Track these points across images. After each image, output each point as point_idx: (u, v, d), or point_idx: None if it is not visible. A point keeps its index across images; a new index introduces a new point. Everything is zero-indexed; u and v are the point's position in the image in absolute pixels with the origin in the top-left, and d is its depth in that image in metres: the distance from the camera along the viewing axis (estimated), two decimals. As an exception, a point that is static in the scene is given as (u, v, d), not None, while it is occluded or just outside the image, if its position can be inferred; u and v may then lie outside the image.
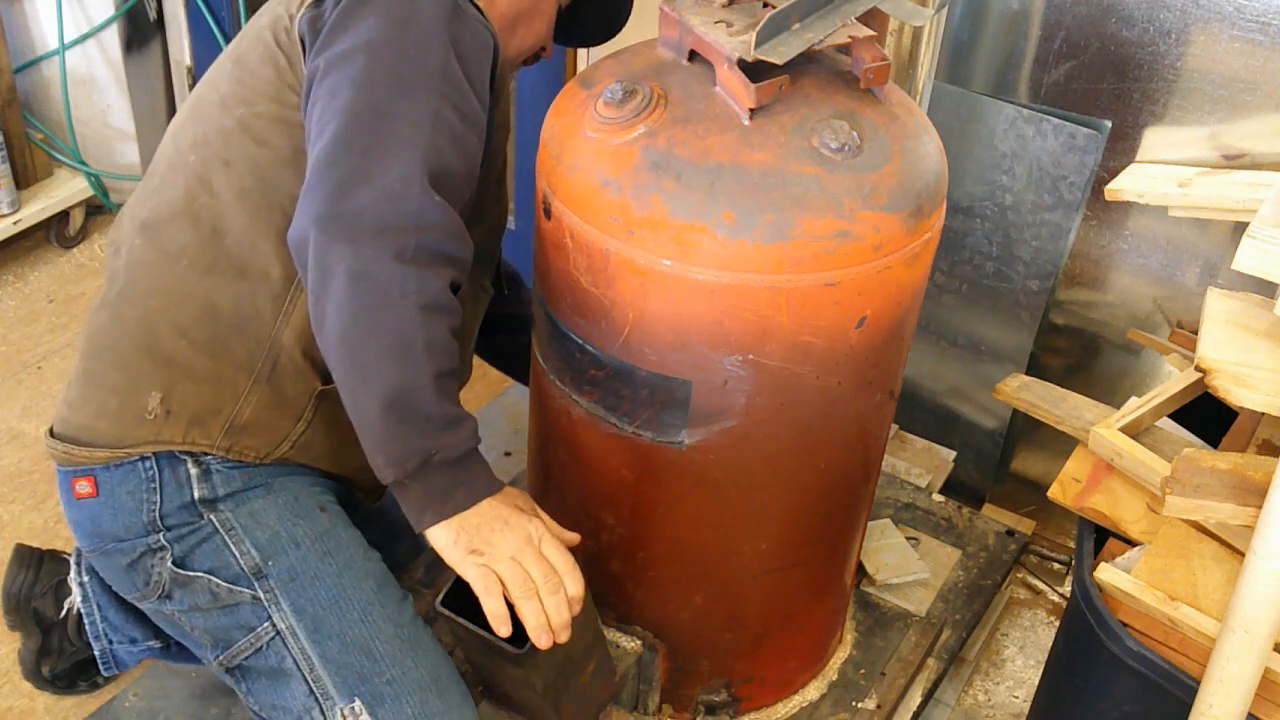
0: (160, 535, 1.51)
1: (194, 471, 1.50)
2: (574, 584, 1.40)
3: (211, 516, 1.51)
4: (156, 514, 1.50)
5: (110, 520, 1.52)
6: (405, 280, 1.27)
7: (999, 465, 2.47)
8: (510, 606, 1.53)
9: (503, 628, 1.36)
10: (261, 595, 1.49)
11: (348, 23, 1.35)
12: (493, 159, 1.51)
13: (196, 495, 1.50)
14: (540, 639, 1.37)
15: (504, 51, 1.48)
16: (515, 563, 1.37)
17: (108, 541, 1.53)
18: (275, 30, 1.46)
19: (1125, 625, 1.55)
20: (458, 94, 1.35)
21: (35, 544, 1.97)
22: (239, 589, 1.50)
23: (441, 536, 1.37)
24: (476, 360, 1.92)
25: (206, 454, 1.50)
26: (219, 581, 1.50)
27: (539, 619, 1.37)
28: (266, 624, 1.49)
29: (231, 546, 1.50)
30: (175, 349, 1.48)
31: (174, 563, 1.51)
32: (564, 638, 1.39)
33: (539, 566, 1.38)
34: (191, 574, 1.51)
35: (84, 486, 1.52)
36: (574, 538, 1.46)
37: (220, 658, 1.52)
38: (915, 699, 1.93)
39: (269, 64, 1.46)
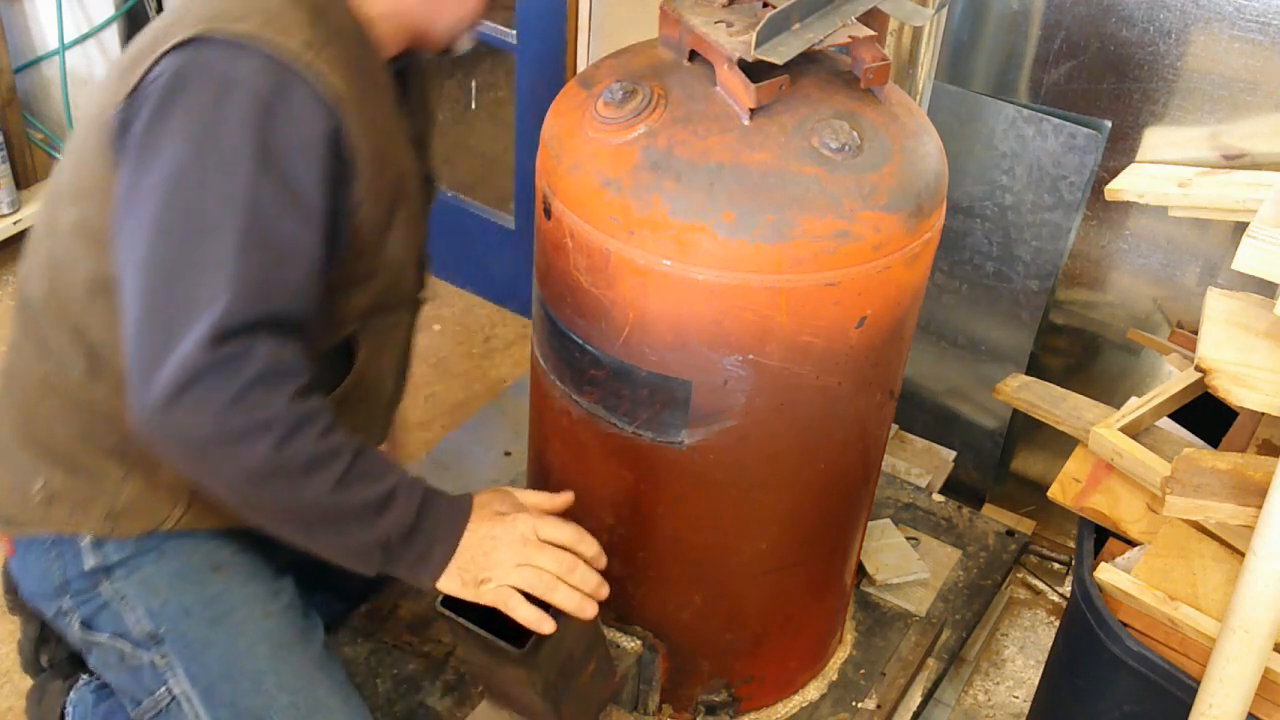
0: (67, 599, 1.52)
1: (85, 543, 1.49)
2: (588, 547, 1.41)
3: (106, 585, 1.51)
4: (61, 580, 1.51)
5: (27, 580, 1.55)
6: (248, 458, 1.23)
7: (999, 465, 2.47)
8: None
9: (545, 625, 1.36)
10: (159, 660, 1.49)
11: (151, 143, 1.25)
12: (362, 229, 1.38)
13: (90, 565, 1.50)
14: (585, 611, 1.38)
15: (430, 38, 1.45)
16: (523, 568, 1.37)
17: (33, 596, 1.56)
18: (105, 119, 1.32)
19: (1125, 625, 1.55)
20: (275, 203, 1.24)
21: None
22: (140, 652, 1.50)
23: (448, 585, 1.37)
24: (476, 360, 1.91)
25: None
26: (123, 644, 1.51)
27: (573, 600, 1.38)
28: (164, 689, 1.49)
29: (126, 614, 1.50)
30: (50, 439, 1.47)
31: (81, 624, 1.52)
32: (604, 594, 1.40)
33: (547, 556, 1.38)
34: (98, 636, 1.52)
35: (4, 545, 1.56)
36: (565, 499, 1.46)
37: (134, 712, 1.53)
38: (915, 699, 1.93)
39: (101, 158, 1.33)
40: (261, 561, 1.57)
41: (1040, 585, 2.42)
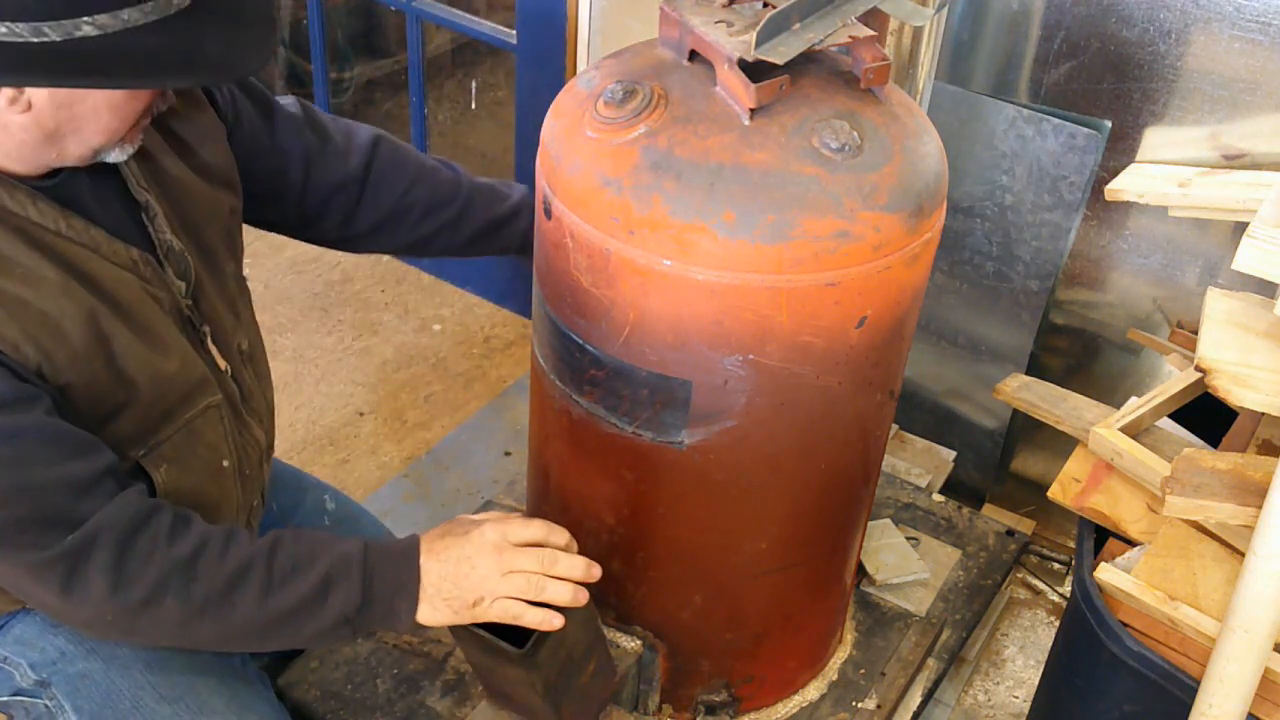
0: None
1: None
2: (559, 536, 1.40)
3: None
4: None
5: None
6: (164, 618, 1.26)
7: (999, 465, 2.47)
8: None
9: (555, 620, 1.36)
10: (49, 703, 1.50)
11: None
12: (74, 395, 1.29)
13: None
14: (580, 599, 1.38)
15: (67, 159, 1.27)
16: (509, 575, 1.36)
17: None
18: None
19: (1125, 625, 1.56)
20: None
21: None
22: (36, 701, 1.51)
23: (438, 619, 1.36)
24: (476, 360, 1.90)
25: None
26: (22, 699, 1.51)
27: (565, 592, 1.37)
28: None
29: (15, 673, 1.50)
30: None
31: None
32: (596, 574, 1.39)
33: (526, 557, 1.37)
34: (2, 699, 1.53)
35: None
36: (523, 522, 1.43)
37: None
38: (915, 699, 1.93)
39: None
40: None
41: (1040, 585, 2.42)
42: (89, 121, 1.24)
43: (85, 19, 1.14)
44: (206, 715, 1.50)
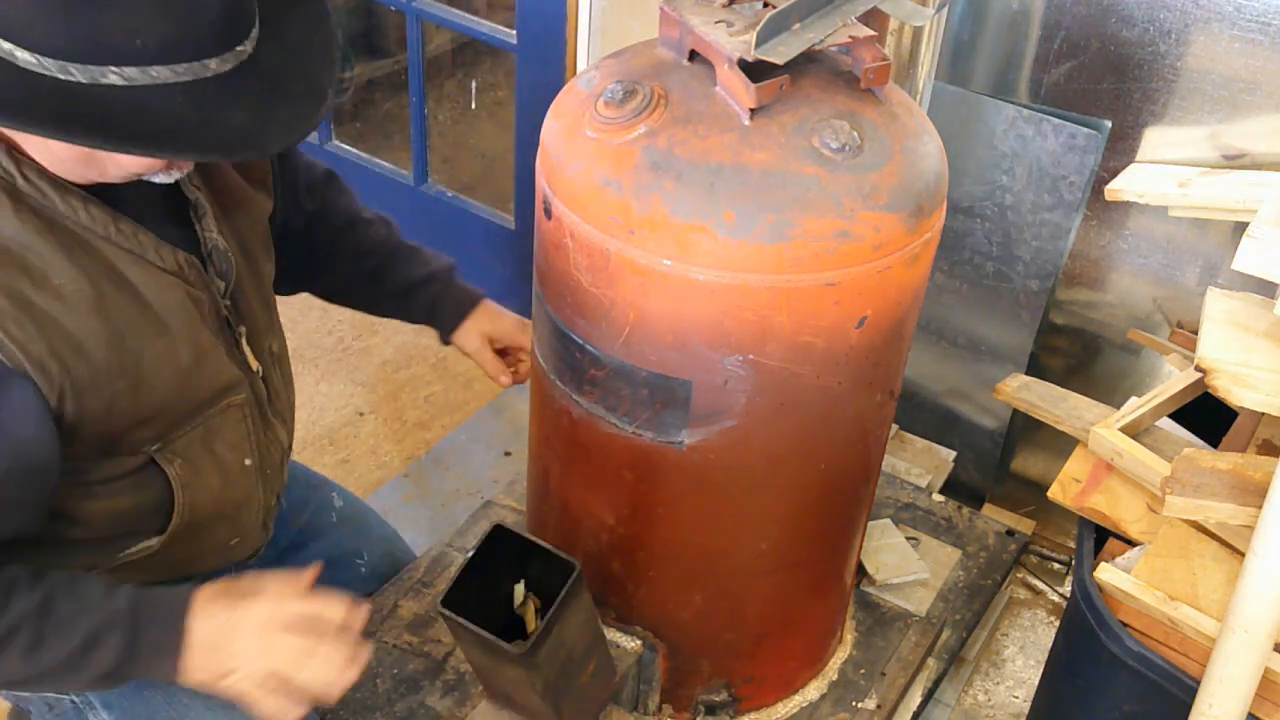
0: None
1: None
2: (335, 611, 1.36)
3: None
4: None
5: None
6: None
7: (999, 465, 2.47)
8: (511, 608, 1.54)
9: (290, 715, 1.35)
10: (77, 699, 1.52)
11: None
12: (86, 419, 1.29)
13: None
14: (329, 695, 1.35)
15: (108, 178, 1.25)
16: (265, 656, 1.33)
17: None
18: None
19: (1125, 625, 1.56)
20: None
21: None
22: (61, 697, 1.53)
23: (196, 681, 1.34)
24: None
25: None
26: (44, 696, 1.53)
27: (316, 685, 1.34)
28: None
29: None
30: None
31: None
32: (356, 671, 1.36)
33: (285, 646, 1.33)
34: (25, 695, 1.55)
35: None
36: (310, 574, 1.40)
37: None
38: (915, 699, 1.93)
39: None
40: None
41: (1040, 585, 2.42)
42: (122, 155, 1.21)
43: (113, 68, 1.11)
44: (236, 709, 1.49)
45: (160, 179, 1.28)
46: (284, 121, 1.23)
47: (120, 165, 1.23)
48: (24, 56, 1.10)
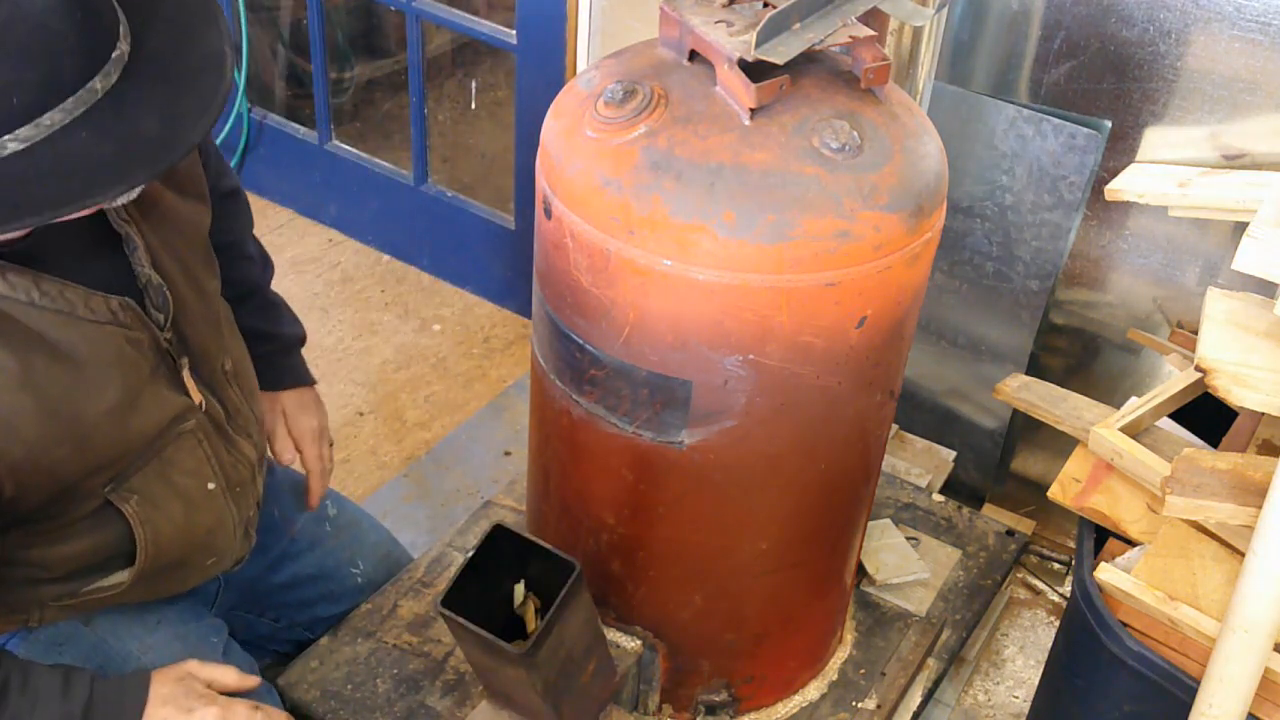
0: None
1: None
2: None
3: None
4: None
5: None
6: None
7: (999, 465, 2.47)
8: (511, 608, 1.54)
9: None
10: None
11: None
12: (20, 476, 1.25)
13: None
14: None
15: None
16: None
17: None
18: None
19: (1125, 625, 1.56)
20: None
21: None
22: None
23: None
24: (476, 360, 1.89)
25: None
26: None
27: None
28: None
29: None
30: None
31: None
32: None
33: None
34: None
35: None
36: (252, 682, 1.43)
37: None
38: (915, 699, 1.93)
39: None
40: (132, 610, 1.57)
41: (1040, 585, 2.42)
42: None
43: (6, 136, 1.04)
44: None
45: (72, 215, 1.16)
46: (193, 110, 1.14)
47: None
48: None
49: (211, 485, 1.47)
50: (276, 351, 1.74)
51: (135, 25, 1.15)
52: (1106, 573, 1.55)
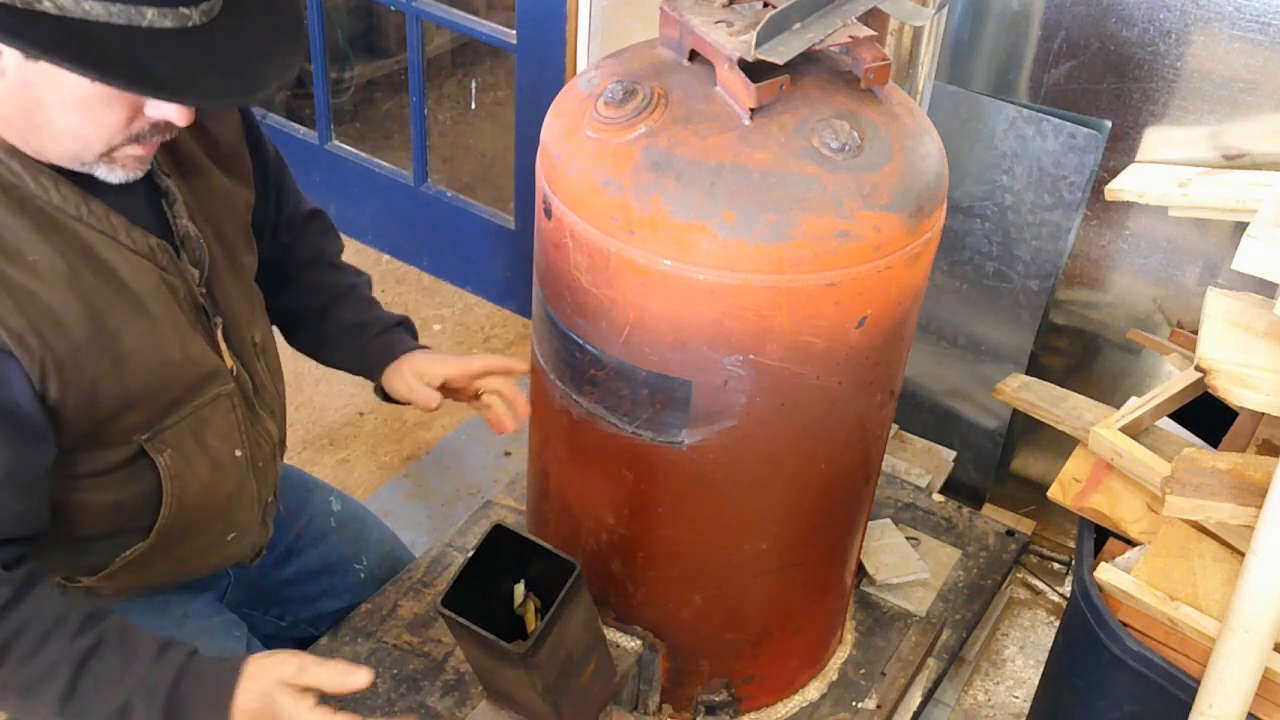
0: None
1: None
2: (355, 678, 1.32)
3: None
4: None
5: None
6: None
7: (999, 465, 2.47)
8: (511, 608, 1.54)
9: None
10: None
11: None
12: (69, 399, 1.28)
13: None
14: None
15: (46, 154, 1.24)
16: None
17: None
18: None
19: (1125, 625, 1.55)
20: None
21: None
22: None
23: None
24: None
25: None
26: None
27: None
28: None
29: None
30: None
31: None
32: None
33: None
34: None
35: None
36: (360, 681, 1.35)
37: None
38: (915, 699, 1.93)
39: None
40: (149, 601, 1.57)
41: (1040, 585, 2.42)
42: (56, 114, 1.19)
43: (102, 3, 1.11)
44: None
45: (102, 174, 1.26)
46: (276, 50, 1.22)
47: (57, 138, 1.21)
48: None
49: (239, 453, 1.49)
50: (387, 330, 1.72)
51: None
52: (1106, 573, 1.55)
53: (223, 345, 1.45)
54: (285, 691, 1.28)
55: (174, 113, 1.21)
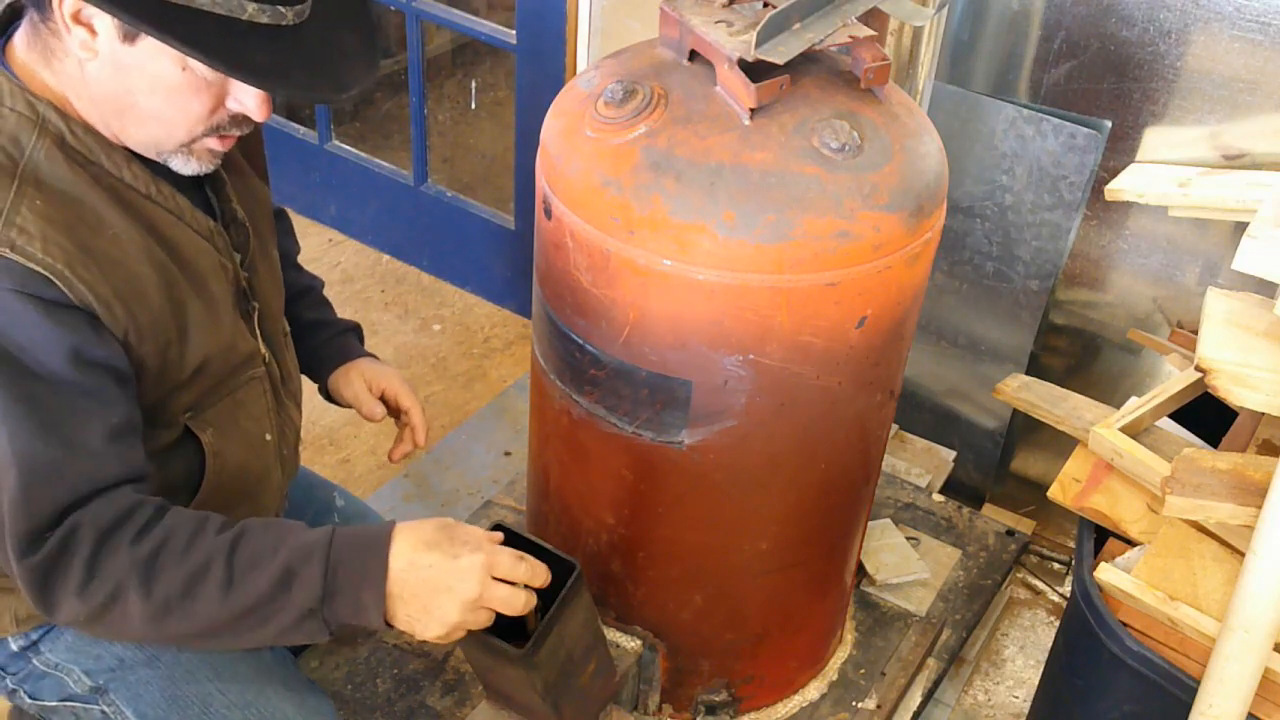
0: (8, 680, 1.53)
1: (8, 628, 1.49)
2: (539, 577, 1.34)
3: (36, 660, 1.52)
4: None
5: None
6: (129, 615, 1.23)
7: (999, 465, 2.47)
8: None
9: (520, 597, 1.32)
10: (107, 709, 1.50)
11: None
12: (146, 363, 1.32)
13: (16, 648, 1.51)
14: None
15: (127, 138, 1.29)
16: (477, 612, 1.30)
17: None
18: None
19: (1125, 625, 1.55)
20: (26, 398, 1.21)
21: None
22: (90, 707, 1.51)
23: (402, 624, 1.32)
24: (476, 360, 1.89)
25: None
26: (74, 704, 1.52)
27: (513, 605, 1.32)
28: None
29: (66, 678, 1.51)
30: None
31: (30, 697, 1.54)
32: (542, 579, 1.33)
33: (498, 593, 1.30)
34: (49, 703, 1.53)
35: None
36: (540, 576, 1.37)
37: None
38: (915, 699, 1.93)
39: None
40: None
41: (1040, 585, 2.42)
42: (143, 99, 1.24)
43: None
44: None
45: (178, 165, 1.32)
46: (357, 57, 1.31)
47: (140, 121, 1.27)
48: None
49: (269, 437, 1.53)
50: (341, 333, 1.80)
51: None
52: (1106, 573, 1.55)
53: (258, 331, 1.50)
54: (456, 524, 1.32)
55: (254, 107, 1.27)
